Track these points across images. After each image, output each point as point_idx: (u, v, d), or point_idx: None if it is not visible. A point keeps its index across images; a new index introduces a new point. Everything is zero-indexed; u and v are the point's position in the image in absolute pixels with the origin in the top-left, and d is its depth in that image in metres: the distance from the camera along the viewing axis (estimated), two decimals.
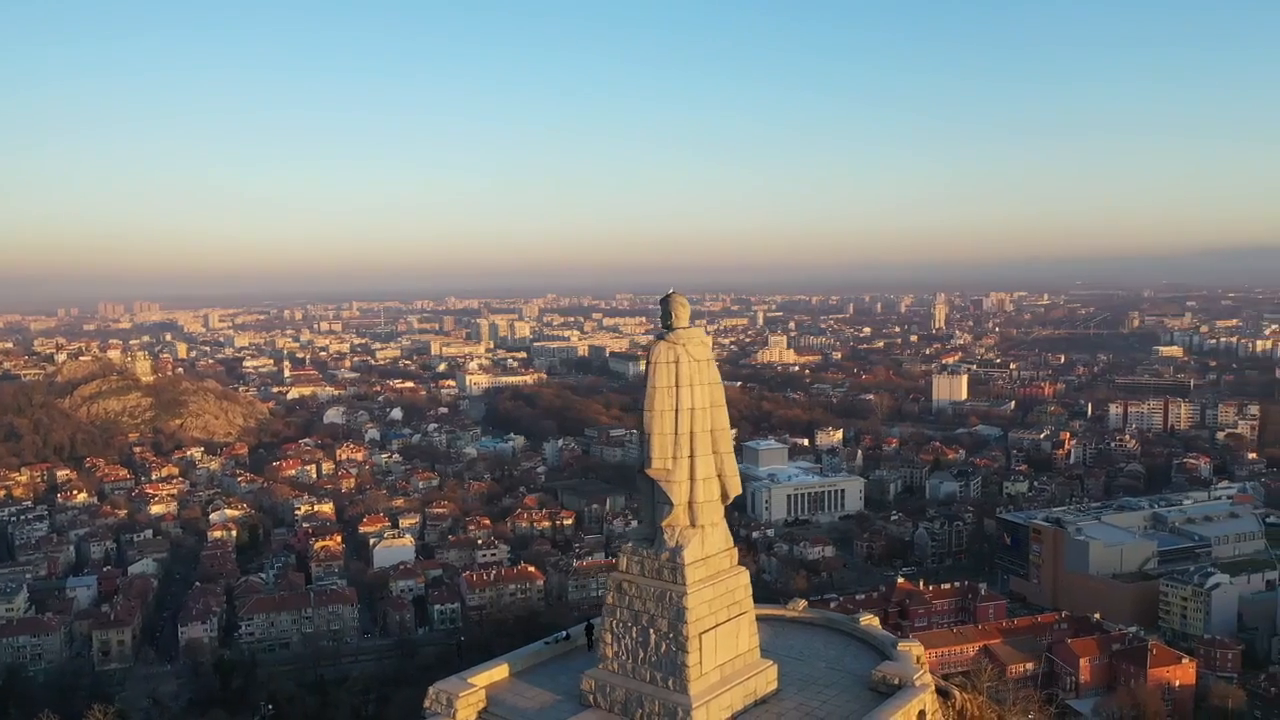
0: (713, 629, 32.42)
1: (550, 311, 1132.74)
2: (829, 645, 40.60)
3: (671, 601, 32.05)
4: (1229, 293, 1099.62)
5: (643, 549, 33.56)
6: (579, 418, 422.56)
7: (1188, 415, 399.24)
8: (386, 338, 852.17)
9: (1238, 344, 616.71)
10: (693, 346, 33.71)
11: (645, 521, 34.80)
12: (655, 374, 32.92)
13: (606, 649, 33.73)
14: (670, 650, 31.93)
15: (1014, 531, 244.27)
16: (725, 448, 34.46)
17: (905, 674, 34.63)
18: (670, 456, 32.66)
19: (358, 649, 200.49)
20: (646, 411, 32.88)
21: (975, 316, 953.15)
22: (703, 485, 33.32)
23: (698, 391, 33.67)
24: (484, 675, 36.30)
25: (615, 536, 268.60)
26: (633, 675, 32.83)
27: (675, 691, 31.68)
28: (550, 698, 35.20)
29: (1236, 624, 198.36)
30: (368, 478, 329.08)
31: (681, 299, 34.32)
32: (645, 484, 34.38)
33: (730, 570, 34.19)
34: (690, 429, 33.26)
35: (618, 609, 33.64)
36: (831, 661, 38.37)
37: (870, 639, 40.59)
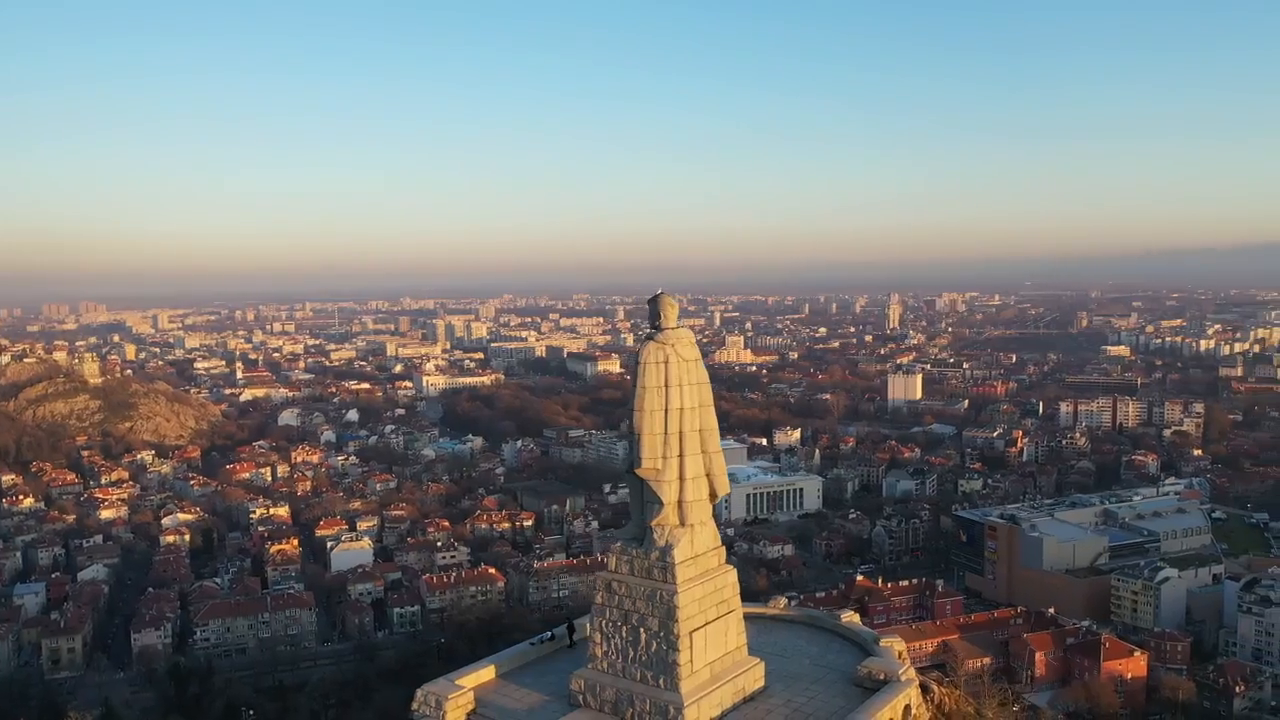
0: (703, 627, 32.61)
1: (507, 312, 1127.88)
2: (811, 642, 40.99)
3: (662, 600, 32.17)
4: (1173, 293, 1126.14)
5: (632, 548, 33.65)
6: (537, 418, 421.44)
7: (1135, 413, 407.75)
8: (341, 338, 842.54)
9: (1182, 344, 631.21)
10: (681, 347, 33.87)
11: (634, 521, 34.88)
12: (645, 374, 33.01)
13: (595, 648, 33.76)
14: (661, 649, 32.06)
15: (970, 529, 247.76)
16: (713, 447, 34.67)
17: (890, 669, 35.10)
18: (660, 456, 32.78)
19: (316, 654, 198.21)
20: (637, 412, 32.95)
21: (928, 316, 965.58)
22: (692, 484, 33.49)
23: (687, 391, 33.83)
24: (471, 676, 36.15)
25: (576, 537, 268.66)
26: (623, 674, 32.92)
27: (666, 690, 31.81)
28: (538, 698, 35.15)
29: (1185, 617, 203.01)
30: (324, 480, 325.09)
31: (670, 299, 34.48)
32: (634, 484, 34.45)
33: (719, 569, 34.41)
34: (680, 429, 33.41)
35: (607, 608, 33.68)
36: (815, 658, 38.75)
37: (852, 635, 41.05)
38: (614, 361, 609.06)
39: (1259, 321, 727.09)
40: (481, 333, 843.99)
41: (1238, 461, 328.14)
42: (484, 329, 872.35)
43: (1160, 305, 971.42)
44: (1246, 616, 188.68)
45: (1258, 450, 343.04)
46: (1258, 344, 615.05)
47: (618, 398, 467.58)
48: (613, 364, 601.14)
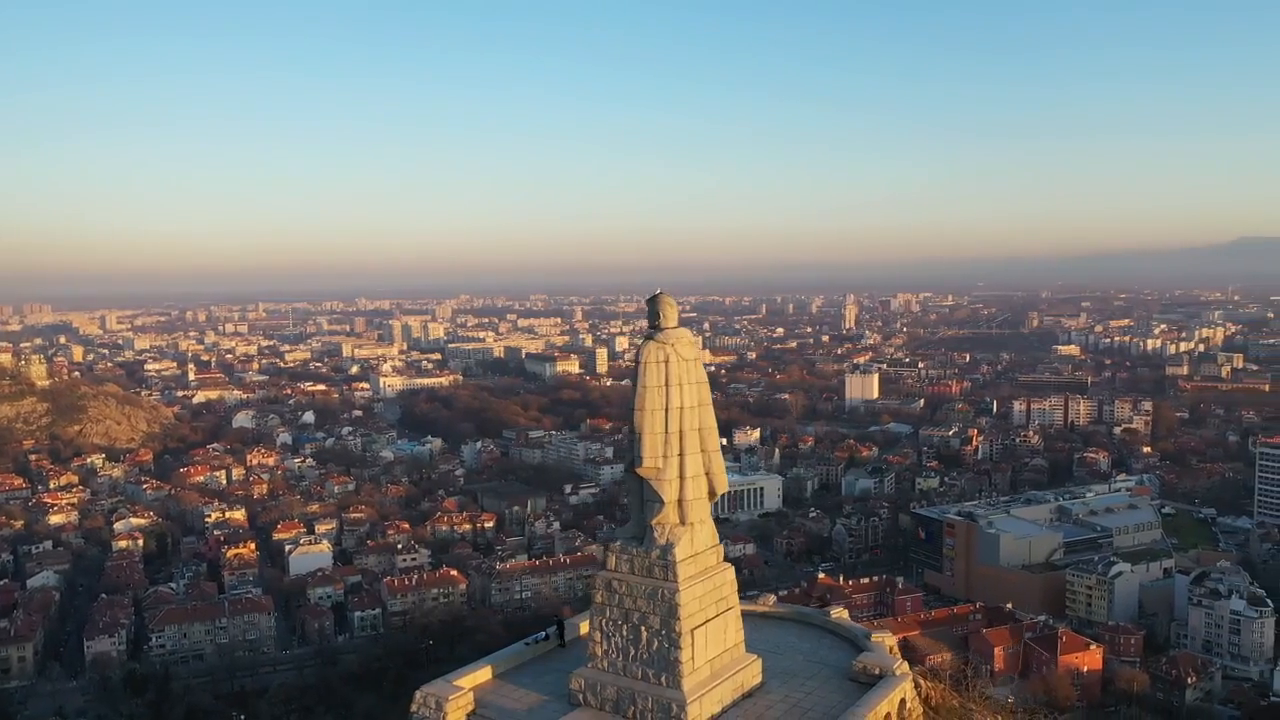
0: (703, 624, 32.82)
1: (464, 312, 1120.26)
2: (802, 638, 41.40)
3: (663, 598, 32.32)
4: (1120, 294, 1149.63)
5: (632, 547, 33.75)
6: (497, 419, 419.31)
7: (1086, 411, 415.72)
8: (296, 339, 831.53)
9: (1130, 343, 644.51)
10: (681, 346, 34.07)
11: (633, 520, 34.99)
12: (646, 373, 33.14)
13: (595, 647, 33.83)
14: (662, 647, 32.21)
15: (928, 526, 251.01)
16: (712, 445, 34.94)
17: (885, 664, 35.59)
18: (661, 455, 32.93)
19: (276, 659, 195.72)
20: (638, 411, 33.06)
21: (884, 317, 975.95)
22: (692, 483, 33.69)
23: (686, 390, 34.04)
24: (469, 677, 36.02)
25: (537, 538, 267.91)
26: (624, 673, 33.01)
27: (668, 688, 31.95)
28: (537, 698, 35.13)
29: (1137, 611, 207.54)
30: (280, 483, 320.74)
31: (669, 299, 34.67)
32: (633, 483, 34.58)
33: (717, 566, 34.66)
34: (680, 427, 33.60)
35: (607, 608, 33.76)
36: (807, 654, 39.14)
37: (842, 631, 41.53)
38: (573, 362, 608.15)
39: (1202, 321, 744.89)
40: (439, 333, 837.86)
41: (1185, 458, 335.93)
42: (441, 330, 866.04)
43: (1108, 306, 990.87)
44: (1197, 609, 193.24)
45: (1204, 447, 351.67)
46: (1202, 343, 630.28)
47: (577, 398, 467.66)
48: (572, 364, 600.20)
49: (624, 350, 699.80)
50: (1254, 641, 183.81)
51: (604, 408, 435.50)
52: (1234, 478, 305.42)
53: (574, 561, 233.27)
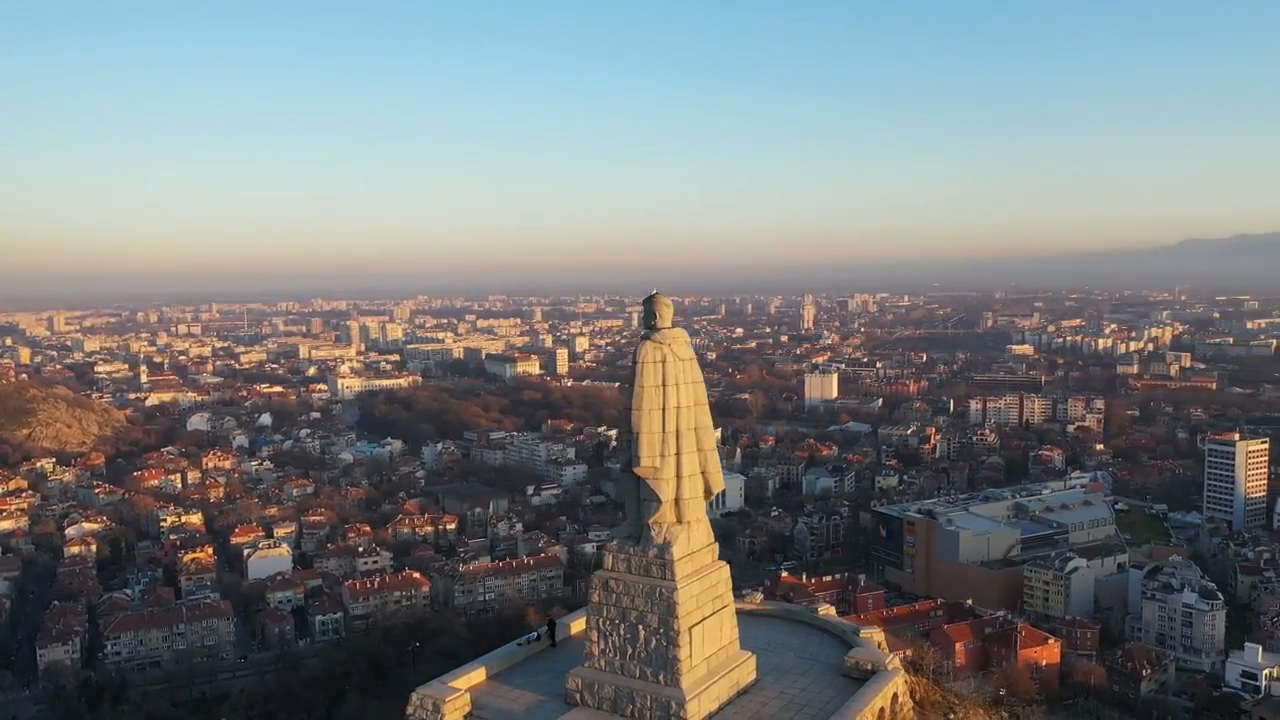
0: (700, 622, 33.02)
1: (422, 313, 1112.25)
2: (791, 635, 41.77)
3: (662, 597, 32.46)
4: (1072, 294, 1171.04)
5: (629, 546, 33.86)
6: (457, 420, 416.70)
7: (1041, 410, 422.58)
8: (251, 340, 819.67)
9: (1082, 343, 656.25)
10: (678, 346, 34.21)
11: (629, 519, 35.10)
12: (643, 373, 33.25)
13: (592, 646, 33.87)
14: (661, 645, 32.35)
15: (889, 524, 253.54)
16: (708, 445, 35.12)
17: (877, 660, 36.04)
18: (659, 454, 33.07)
19: (235, 664, 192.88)
20: (635, 411, 33.15)
21: (841, 317, 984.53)
22: (688, 482, 33.88)
23: (683, 390, 34.20)
24: (464, 679, 35.88)
25: (500, 539, 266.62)
26: (621, 672, 33.11)
27: (667, 685, 32.10)
28: (533, 698, 35.11)
29: (1093, 605, 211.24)
30: (238, 486, 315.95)
31: (665, 300, 34.77)
32: (629, 482, 34.67)
33: (713, 564, 34.87)
34: (676, 427, 33.76)
35: (604, 607, 33.83)
36: (798, 651, 39.50)
37: (830, 628, 41.96)
38: (533, 363, 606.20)
39: (1151, 321, 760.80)
40: (397, 334, 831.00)
41: (1136, 455, 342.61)
42: (399, 330, 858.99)
43: (1060, 306, 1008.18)
44: (1150, 603, 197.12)
45: (1154, 444, 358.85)
46: (1151, 343, 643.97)
47: (538, 399, 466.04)
48: (532, 365, 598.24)
49: (584, 351, 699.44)
50: (1205, 634, 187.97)
51: (565, 408, 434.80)
52: (1184, 474, 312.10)
53: (537, 563, 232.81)
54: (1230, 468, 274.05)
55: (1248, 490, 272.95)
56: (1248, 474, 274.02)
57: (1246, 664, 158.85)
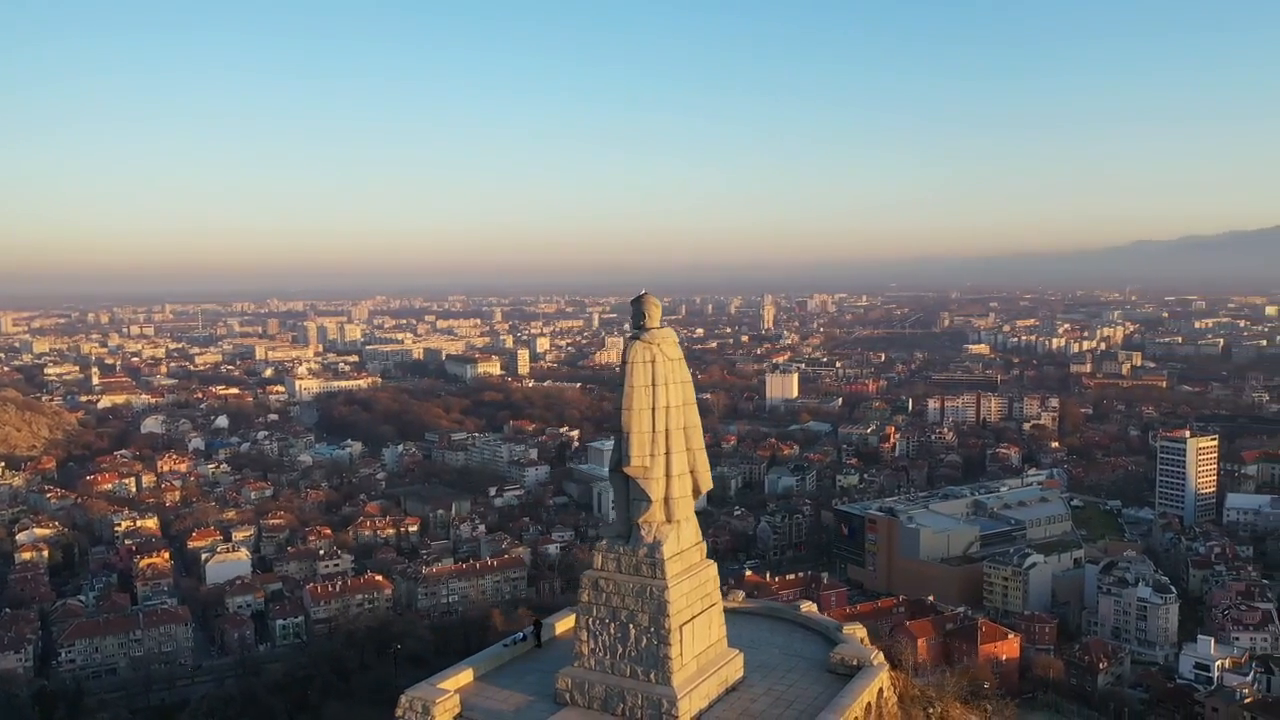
0: (690, 620, 33.19)
1: (381, 313, 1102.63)
2: (775, 633, 42.10)
3: (652, 596, 32.58)
4: (1026, 294, 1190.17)
5: (619, 546, 33.94)
6: (418, 422, 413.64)
7: (997, 408, 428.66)
8: (205, 341, 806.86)
9: (1036, 342, 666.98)
10: (666, 346, 34.37)
11: (619, 519, 35.20)
12: (633, 373, 33.34)
13: (582, 646, 33.91)
14: (651, 643, 32.46)
15: (850, 522, 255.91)
16: (697, 444, 35.32)
17: (863, 655, 36.46)
18: (649, 454, 33.19)
19: (194, 671, 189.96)
20: (625, 410, 33.24)
21: (801, 317, 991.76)
22: (678, 481, 34.03)
23: (672, 390, 34.36)
24: (452, 680, 35.71)
25: (463, 541, 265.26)
26: (612, 671, 33.18)
27: (658, 684, 32.23)
28: (522, 699, 35.04)
29: (1050, 600, 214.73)
30: (194, 490, 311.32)
31: (654, 300, 34.94)
32: (619, 482, 34.76)
33: (701, 563, 35.08)
34: (666, 426, 33.90)
35: (594, 606, 33.87)
36: (783, 648, 39.82)
37: (813, 625, 42.35)
38: (494, 363, 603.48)
39: (1103, 321, 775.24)
40: (355, 335, 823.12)
41: (1090, 452, 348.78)
42: (358, 331, 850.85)
43: (1015, 306, 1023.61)
44: (1106, 597, 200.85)
45: (1108, 441, 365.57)
46: (1103, 342, 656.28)
47: (500, 399, 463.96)
48: (493, 366, 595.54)
49: (545, 351, 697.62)
50: (1159, 627, 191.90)
51: (527, 409, 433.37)
52: (1136, 471, 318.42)
53: (501, 564, 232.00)
54: (1181, 464, 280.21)
55: (1198, 486, 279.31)
56: (1198, 470, 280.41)
57: (1199, 656, 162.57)
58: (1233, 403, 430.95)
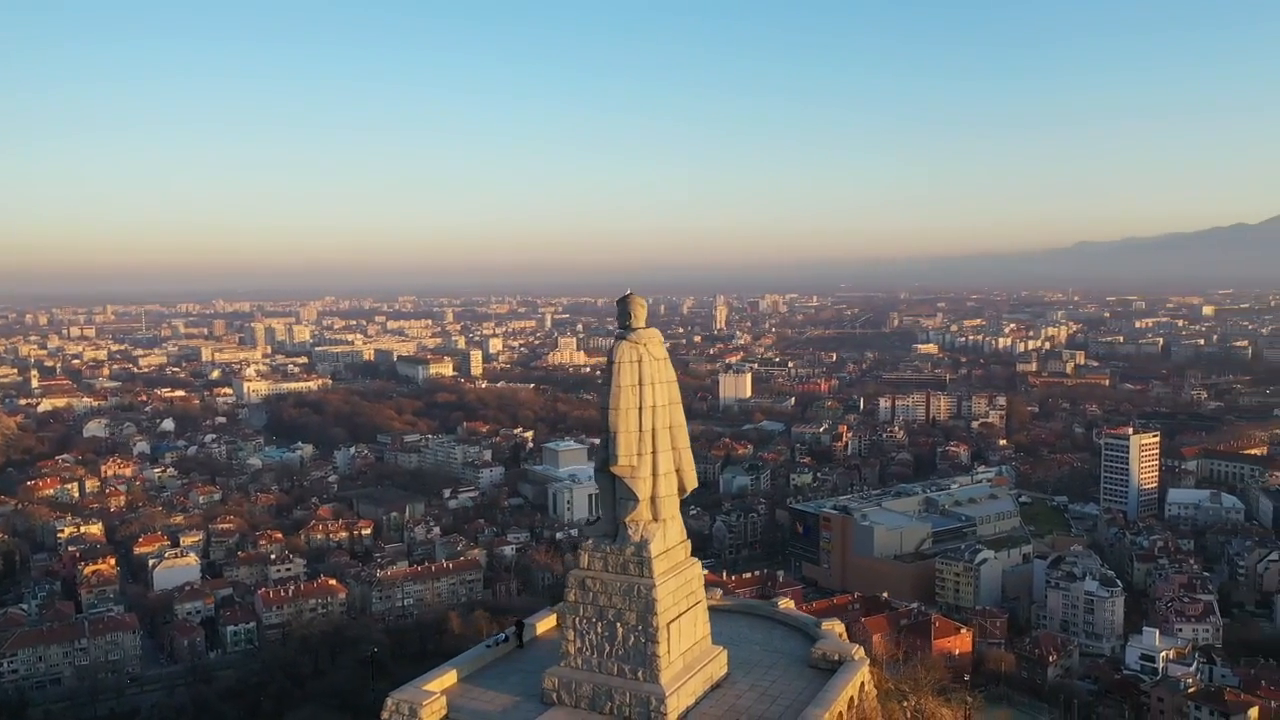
0: (677, 618, 33.39)
1: (330, 315, 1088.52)
2: (754, 629, 42.47)
3: (640, 594, 32.72)
4: (972, 294, 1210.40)
5: (605, 545, 34.03)
6: (370, 424, 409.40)
7: (946, 407, 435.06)
8: (149, 343, 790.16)
9: (983, 341, 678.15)
10: (653, 346, 34.56)
11: (604, 518, 35.27)
12: (619, 373, 33.46)
13: (569, 645, 33.93)
14: (639, 642, 32.60)
15: (805, 520, 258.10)
16: (683, 443, 35.51)
17: (844, 650, 36.94)
18: (636, 453, 33.34)
19: (143, 679, 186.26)
20: (612, 410, 33.36)
21: (753, 317, 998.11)
22: (664, 480, 34.20)
23: (658, 389, 34.53)
24: (437, 682, 35.53)
25: (417, 544, 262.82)
26: (599, 669, 33.26)
27: (646, 682, 32.37)
28: (508, 699, 34.96)
29: (1001, 595, 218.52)
30: (140, 494, 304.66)
31: (640, 300, 35.12)
32: (605, 481, 34.85)
33: (687, 561, 35.28)
34: (652, 425, 34.07)
35: (581, 605, 33.92)
36: (763, 644, 40.20)
37: (792, 621, 42.80)
38: (446, 364, 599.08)
39: (1048, 321, 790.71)
40: (304, 336, 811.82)
41: (1037, 450, 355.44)
42: (306, 332, 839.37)
43: (962, 306, 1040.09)
44: (1055, 591, 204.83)
45: (1053, 439, 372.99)
46: (1048, 341, 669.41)
47: (453, 400, 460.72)
48: (445, 367, 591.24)
49: (498, 352, 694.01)
50: (1106, 620, 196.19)
51: (480, 410, 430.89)
52: (1081, 467, 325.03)
53: (456, 566, 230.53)
54: (1125, 461, 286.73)
55: (1141, 482, 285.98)
56: (1140, 466, 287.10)
57: (1145, 647, 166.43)
58: (1172, 400, 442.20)
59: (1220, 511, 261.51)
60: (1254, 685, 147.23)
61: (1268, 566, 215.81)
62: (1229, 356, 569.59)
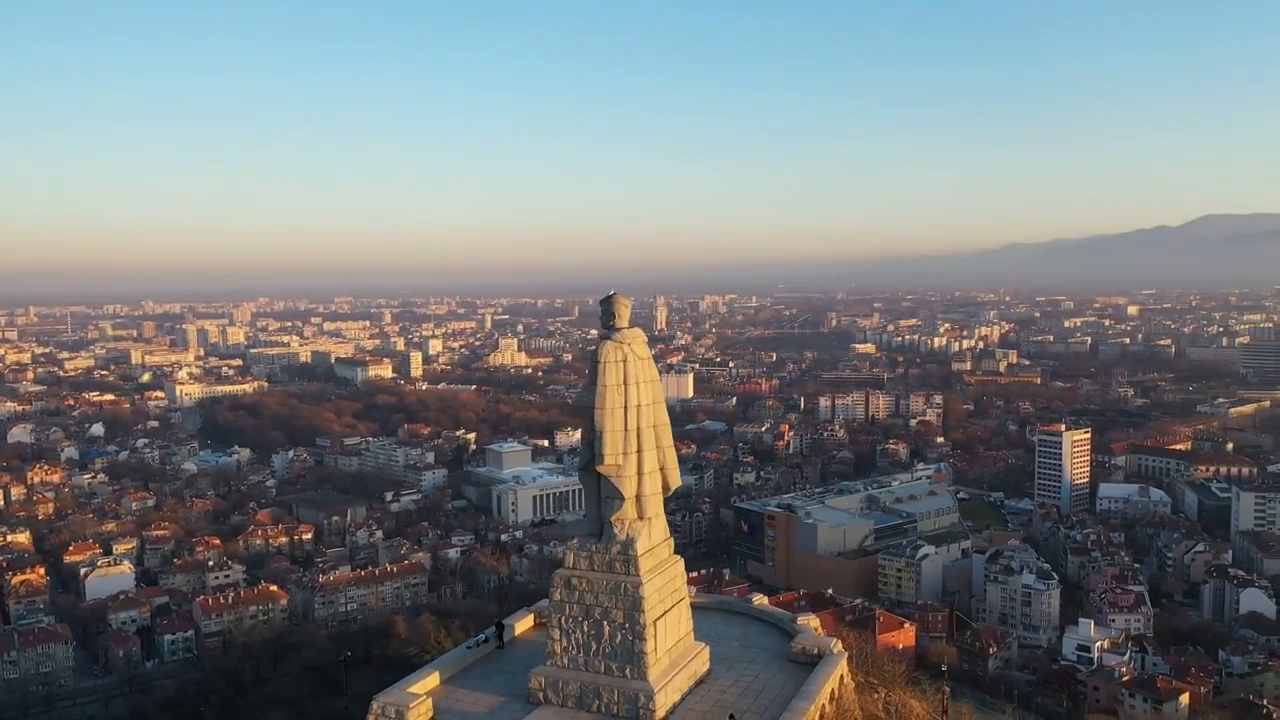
0: (663, 615, 33.66)
1: (264, 316, 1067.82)
2: (730, 625, 42.92)
3: (627, 592, 32.91)
4: (908, 295, 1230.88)
5: (591, 544, 34.15)
6: (308, 427, 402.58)
7: (885, 405, 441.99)
8: (76, 346, 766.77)
9: (919, 341, 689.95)
10: (637, 345, 34.81)
11: (589, 517, 35.40)
12: (605, 373, 33.65)
13: (555, 645, 33.97)
14: (627, 639, 32.79)
15: (750, 519, 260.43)
16: (666, 442, 35.79)
17: (823, 644, 37.56)
18: (621, 452, 33.52)
19: (76, 691, 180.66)
20: (598, 410, 33.50)
21: (693, 318, 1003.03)
22: (649, 479, 34.46)
23: (643, 389, 34.77)
24: (420, 684, 35.28)
25: (360, 548, 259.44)
26: (585, 668, 33.37)
27: (634, 679, 32.57)
28: (494, 700, 34.88)
29: (941, 589, 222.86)
30: (69, 502, 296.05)
31: (624, 300, 35.31)
32: (590, 481, 34.98)
33: (670, 559, 35.57)
34: (638, 425, 34.28)
35: (567, 604, 34.00)
36: (741, 640, 40.68)
37: (767, 617, 43.35)
38: (386, 366, 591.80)
39: (981, 321, 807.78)
40: (238, 338, 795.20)
41: (973, 447, 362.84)
42: (241, 334, 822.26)
43: (898, 306, 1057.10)
44: (993, 585, 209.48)
45: (988, 436, 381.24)
46: (981, 341, 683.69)
47: (393, 402, 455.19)
48: (384, 369, 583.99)
49: (438, 353, 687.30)
50: (1043, 612, 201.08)
51: (422, 412, 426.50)
52: (1016, 463, 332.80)
53: (401, 570, 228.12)
54: (1058, 457, 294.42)
55: (1073, 477, 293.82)
56: (1073, 462, 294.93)
57: (1080, 638, 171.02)
58: (1101, 398, 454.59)
59: (1148, 505, 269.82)
60: (1184, 672, 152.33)
61: (1194, 558, 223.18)
62: (1153, 355, 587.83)
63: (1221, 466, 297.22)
